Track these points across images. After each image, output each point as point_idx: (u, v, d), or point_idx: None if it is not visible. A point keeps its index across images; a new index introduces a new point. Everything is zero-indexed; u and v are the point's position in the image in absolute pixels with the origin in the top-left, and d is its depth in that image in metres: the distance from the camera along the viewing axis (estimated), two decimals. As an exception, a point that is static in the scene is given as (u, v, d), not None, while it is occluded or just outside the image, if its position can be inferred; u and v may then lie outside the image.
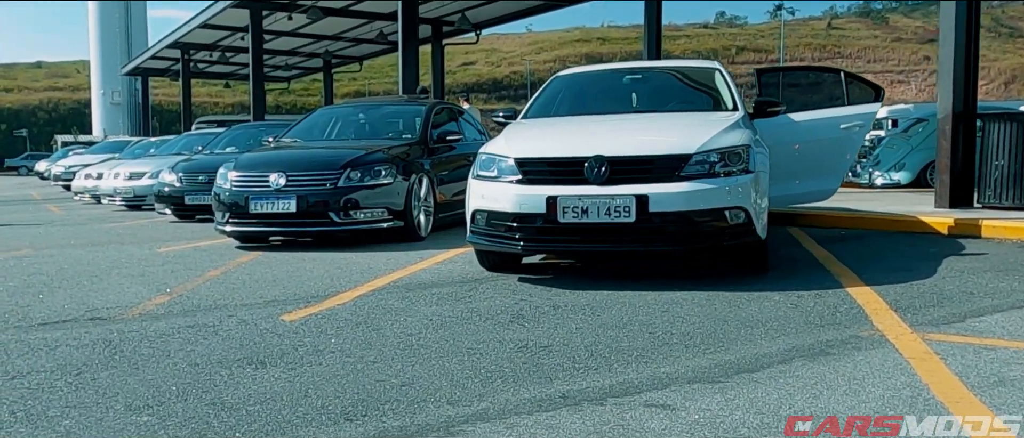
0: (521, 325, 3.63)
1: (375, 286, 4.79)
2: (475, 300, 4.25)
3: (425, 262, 5.76)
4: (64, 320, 3.97)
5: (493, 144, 4.99)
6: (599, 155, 4.42)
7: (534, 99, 5.97)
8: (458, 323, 3.70)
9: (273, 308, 4.16)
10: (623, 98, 6.03)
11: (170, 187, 10.08)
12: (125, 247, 7.28)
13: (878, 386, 2.68)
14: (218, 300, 4.42)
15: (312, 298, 4.44)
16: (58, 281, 5.23)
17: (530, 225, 4.52)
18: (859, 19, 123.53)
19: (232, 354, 3.20)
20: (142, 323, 3.86)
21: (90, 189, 14.81)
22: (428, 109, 8.14)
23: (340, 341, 3.39)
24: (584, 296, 4.25)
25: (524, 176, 4.59)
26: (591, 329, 3.53)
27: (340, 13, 23.49)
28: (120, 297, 4.58)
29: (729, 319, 3.68)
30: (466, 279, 4.96)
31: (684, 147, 4.47)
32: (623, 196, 4.32)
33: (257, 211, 6.62)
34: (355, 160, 6.78)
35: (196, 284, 5.00)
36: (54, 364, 3.10)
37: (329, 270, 5.47)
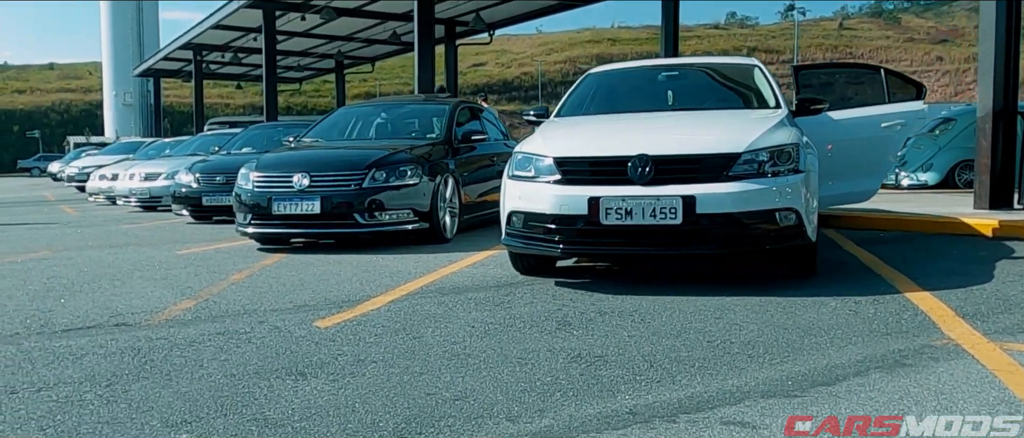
0: (569, 333, 3.44)
1: (408, 290, 4.61)
2: (515, 305, 4.06)
3: (455, 265, 5.58)
4: (88, 326, 3.80)
5: (529, 143, 4.80)
6: (643, 154, 4.23)
7: (567, 97, 5.78)
8: (502, 330, 3.51)
9: (305, 314, 3.99)
10: (659, 96, 5.83)
11: (187, 188, 9.94)
12: (144, 249, 7.13)
13: (970, 401, 2.48)
14: (246, 305, 4.25)
15: (344, 303, 4.26)
16: (79, 284, 5.08)
17: (571, 227, 4.33)
18: (871, 19, 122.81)
19: (269, 364, 3.03)
20: (169, 329, 3.69)
21: (104, 190, 14.72)
22: (451, 108, 7.96)
23: (381, 350, 3.21)
24: (629, 301, 4.06)
25: (564, 176, 4.40)
26: (645, 337, 3.33)
27: (353, 13, 23.37)
28: (144, 302, 4.41)
29: (788, 326, 3.48)
30: (501, 283, 4.77)
31: (732, 146, 4.27)
32: (669, 197, 4.12)
33: (280, 212, 6.46)
34: (380, 160, 6.60)
35: (221, 288, 4.83)
36: (82, 374, 2.93)
37: (357, 273, 5.29)
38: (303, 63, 34.62)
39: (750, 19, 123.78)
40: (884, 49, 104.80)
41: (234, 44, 29.30)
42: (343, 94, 36.69)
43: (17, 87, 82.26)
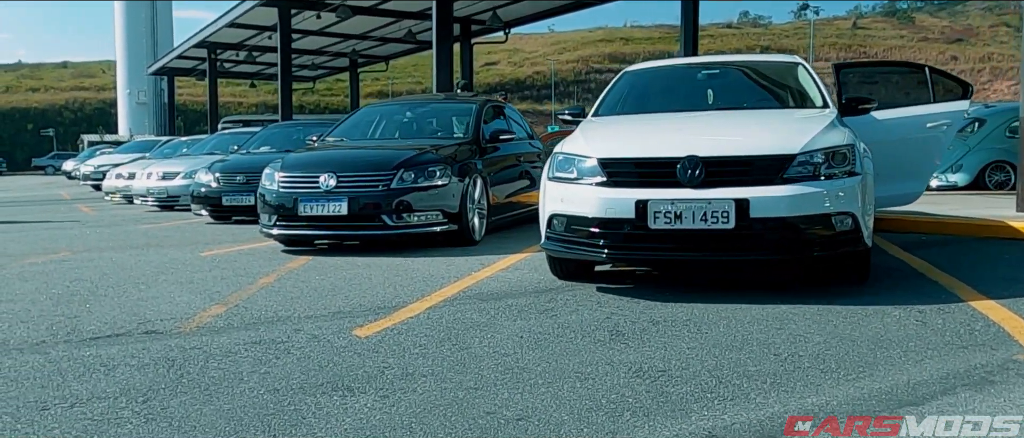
0: (624, 344, 3.26)
1: (444, 296, 4.44)
2: (561, 313, 3.88)
3: (488, 269, 5.41)
4: (117, 333, 3.65)
5: (570, 143, 4.62)
6: (693, 155, 4.04)
7: (604, 96, 5.59)
8: (553, 341, 3.33)
9: (342, 321, 3.82)
10: (698, 95, 5.64)
11: (207, 188, 9.81)
12: (165, 250, 6.99)
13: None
14: (279, 311, 4.09)
15: (380, 310, 4.09)
16: (103, 288, 4.93)
17: (617, 231, 4.15)
18: (885, 19, 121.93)
19: (313, 377, 2.86)
20: (202, 338, 3.53)
21: (121, 189, 14.64)
22: (478, 106, 7.79)
23: (429, 362, 3.04)
24: (680, 310, 3.87)
25: (608, 178, 4.21)
26: (705, 349, 3.15)
27: (369, 12, 23.25)
28: (172, 307, 4.26)
29: (856, 338, 3.29)
30: (540, 289, 4.59)
31: (786, 147, 4.08)
32: (721, 200, 3.93)
33: (306, 214, 6.30)
34: (409, 160, 6.44)
35: (250, 292, 4.68)
36: (117, 388, 2.77)
37: (388, 277, 5.13)
38: (317, 62, 34.56)
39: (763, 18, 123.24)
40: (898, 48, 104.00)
41: (248, 42, 29.24)
42: (357, 93, 36.61)
43: (31, 85, 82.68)
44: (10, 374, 2.97)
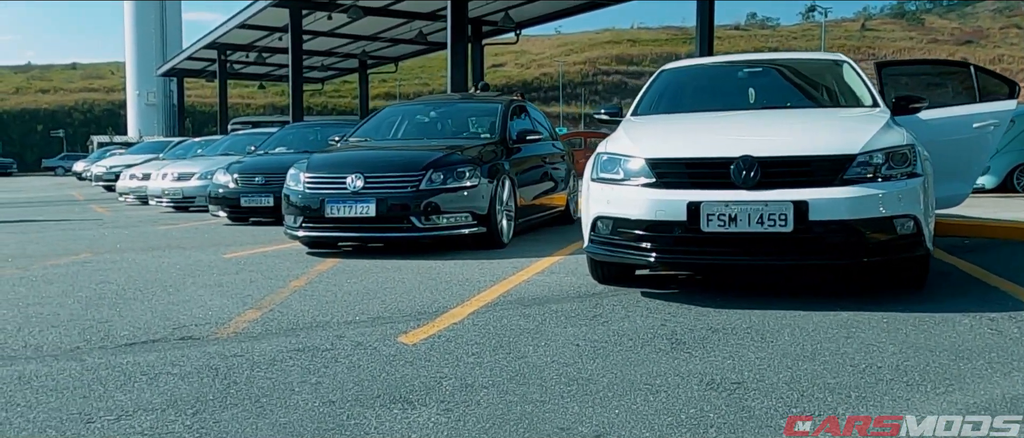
0: (687, 353, 3.10)
1: (484, 301, 4.28)
2: (612, 320, 3.72)
3: (523, 273, 5.25)
4: (152, 340, 3.50)
5: (614, 143, 4.46)
6: (748, 156, 3.87)
7: (642, 94, 5.43)
8: (612, 349, 3.17)
9: (384, 327, 3.67)
10: (740, 94, 5.47)
11: (225, 188, 9.67)
12: (188, 252, 6.86)
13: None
14: (317, 317, 3.94)
15: (421, 315, 3.94)
16: (131, 291, 4.79)
17: (667, 235, 3.99)
18: (893, 20, 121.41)
19: (367, 388, 2.71)
20: (241, 344, 3.38)
21: (135, 190, 14.54)
22: (504, 106, 7.64)
23: (487, 372, 2.88)
24: (736, 316, 3.71)
25: (658, 179, 4.05)
26: (776, 359, 2.99)
27: (380, 13, 23.16)
28: (206, 311, 4.11)
29: (931, 348, 3.12)
30: (583, 293, 4.44)
31: (846, 147, 3.91)
32: (778, 202, 3.77)
33: (333, 215, 6.15)
34: (437, 160, 6.28)
35: (283, 296, 4.53)
36: (162, 399, 2.62)
37: (422, 281, 4.97)
38: (326, 63, 34.50)
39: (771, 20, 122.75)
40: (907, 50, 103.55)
41: (258, 44, 29.19)
42: (366, 94, 36.55)
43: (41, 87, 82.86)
44: (48, 383, 2.83)
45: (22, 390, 2.74)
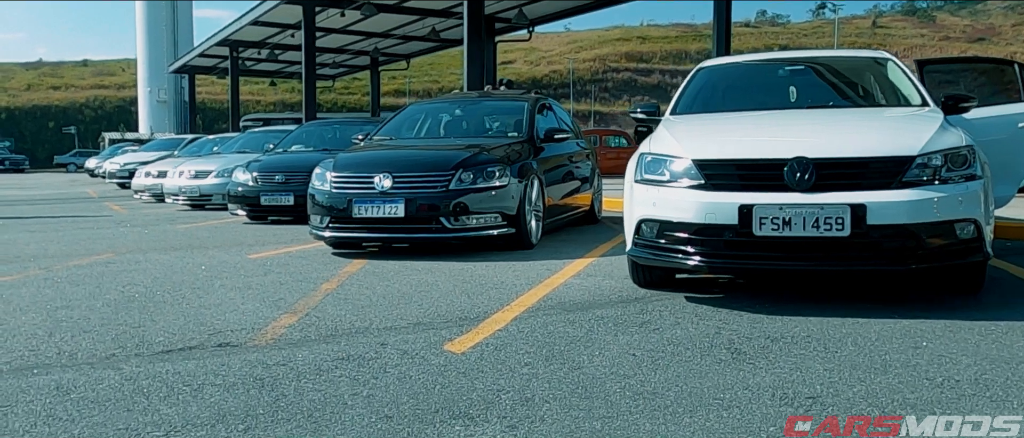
0: (751, 364, 2.96)
1: (525, 306, 4.15)
2: (662, 327, 3.59)
3: (558, 276, 5.12)
4: (189, 346, 3.39)
5: (658, 143, 4.32)
6: (802, 157, 3.73)
7: (680, 93, 5.29)
8: (671, 360, 3.04)
9: (427, 334, 3.54)
10: (780, 92, 5.32)
11: (244, 186, 9.58)
12: (211, 252, 6.75)
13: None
14: (355, 322, 3.82)
15: (463, 321, 3.82)
16: (159, 294, 4.68)
17: (717, 238, 3.85)
18: (905, 17, 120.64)
19: (423, 402, 2.58)
20: (282, 352, 3.26)
21: (150, 187, 14.48)
22: (531, 104, 7.51)
23: (544, 385, 2.75)
24: (792, 324, 3.57)
25: (706, 181, 3.92)
26: (845, 371, 2.85)
27: (393, 9, 23.05)
28: (240, 316, 4.00)
29: (1008, 359, 2.98)
30: (625, 298, 4.30)
31: (905, 148, 3.76)
32: (835, 205, 3.63)
33: (361, 215, 6.03)
34: (467, 160, 6.16)
35: (316, 300, 4.41)
36: (209, 413, 2.50)
37: (457, 284, 4.85)
38: (338, 60, 34.45)
39: (781, 17, 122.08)
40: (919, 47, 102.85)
41: (271, 41, 29.15)
42: (378, 92, 36.48)
43: (52, 83, 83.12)
44: (88, 394, 2.71)
45: (62, 402, 2.63)
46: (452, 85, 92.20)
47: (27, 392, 2.75)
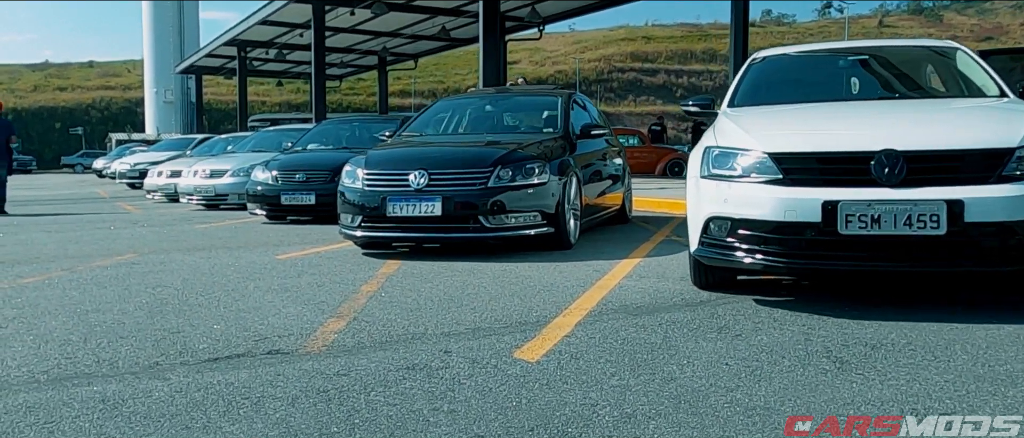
0: (860, 375, 2.70)
1: (585, 310, 3.89)
2: (744, 333, 3.32)
3: (609, 277, 4.86)
4: (237, 354, 3.14)
5: (725, 136, 4.06)
6: (891, 150, 3.47)
7: (737, 84, 5.03)
8: (770, 370, 2.77)
9: (491, 340, 3.29)
10: (841, 84, 5.06)
11: (264, 186, 9.34)
12: (235, 252, 6.50)
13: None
14: (408, 327, 3.56)
15: (523, 325, 3.56)
16: (193, 296, 4.43)
17: (797, 237, 3.59)
18: (911, 16, 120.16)
19: (512, 417, 2.32)
20: (338, 360, 3.01)
21: (163, 187, 14.27)
22: (565, 99, 7.24)
23: (641, 398, 2.49)
24: (887, 329, 3.30)
25: (785, 175, 3.65)
26: (969, 383, 2.58)
27: (403, 8, 22.83)
28: (284, 320, 3.74)
29: None
30: (689, 301, 4.04)
31: (1003, 139, 3.49)
32: (929, 202, 3.36)
33: (395, 214, 5.77)
34: (506, 157, 5.90)
35: (360, 303, 4.16)
36: (279, 431, 2.24)
37: (503, 286, 4.59)
38: (346, 60, 34.25)
39: (787, 17, 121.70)
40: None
41: (279, 40, 28.96)
42: (386, 91, 36.27)
43: (58, 84, 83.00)
44: (139, 408, 2.46)
45: (112, 418, 2.37)
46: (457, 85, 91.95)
47: (71, 406, 2.50)
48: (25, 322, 3.79)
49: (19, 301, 4.36)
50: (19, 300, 4.39)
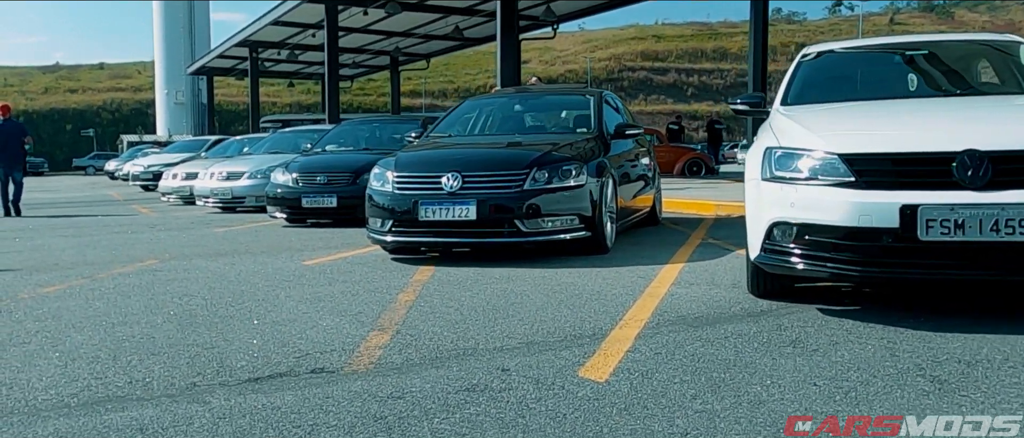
0: (966, 396, 2.46)
1: (640, 320, 3.66)
2: (821, 348, 3.09)
3: (656, 285, 4.63)
4: (279, 373, 2.92)
5: (787, 135, 3.82)
6: (974, 150, 3.23)
7: (789, 81, 4.78)
8: (867, 393, 2.53)
9: (547, 355, 3.06)
10: (900, 80, 4.81)
11: (284, 188, 9.15)
12: (259, 258, 6.30)
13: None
14: (456, 341, 3.35)
15: (578, 339, 3.34)
16: (223, 307, 4.22)
17: (871, 244, 3.35)
18: (922, 14, 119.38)
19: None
20: (389, 380, 2.79)
21: (178, 189, 14.11)
22: (597, 98, 7.02)
23: (734, 428, 2.26)
24: (975, 343, 3.06)
25: (858, 178, 3.41)
26: (1091, 408, 2.35)
27: (416, 7, 22.65)
28: (323, 334, 3.53)
29: None
30: (749, 311, 3.81)
31: (1097, 138, 3.25)
32: (1019, 205, 3.12)
33: (428, 218, 5.54)
34: (542, 158, 5.67)
35: (400, 314, 3.94)
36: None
37: (548, 295, 4.36)
38: (358, 60, 34.11)
39: (797, 15, 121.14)
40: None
41: (290, 41, 28.83)
42: (398, 92, 36.15)
43: (69, 86, 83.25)
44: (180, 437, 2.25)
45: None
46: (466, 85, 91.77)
47: (106, 436, 2.28)
48: (49, 336, 3.59)
49: (41, 312, 4.17)
50: (41, 311, 4.20)
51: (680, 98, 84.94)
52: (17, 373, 2.98)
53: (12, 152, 11.97)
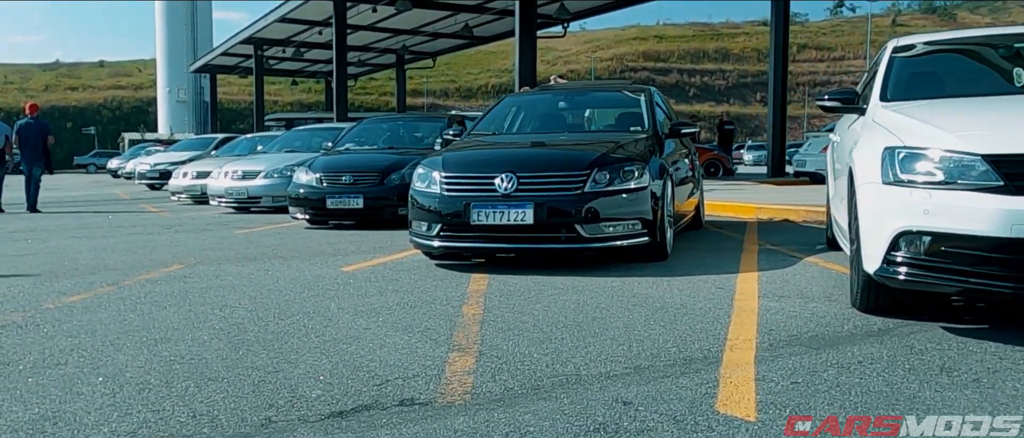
0: None
1: (749, 341, 3.27)
2: (980, 377, 2.69)
3: (743, 298, 4.23)
4: (363, 406, 2.52)
5: (910, 134, 3.42)
6: None
7: (885, 76, 4.37)
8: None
9: (665, 383, 2.66)
10: (1004, 75, 4.41)
11: (307, 188, 8.73)
12: (292, 263, 5.90)
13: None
14: (551, 365, 2.94)
15: (688, 362, 2.94)
16: (271, 320, 3.82)
17: (1023, 257, 2.95)
18: (924, 16, 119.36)
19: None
20: (495, 415, 2.39)
21: (188, 188, 13.72)
22: (647, 95, 6.61)
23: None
24: None
25: (1007, 181, 3.02)
26: None
27: (425, 4, 22.25)
28: (397, 355, 3.12)
29: None
30: (867, 329, 3.41)
31: None
32: None
33: (480, 222, 5.13)
34: (602, 158, 5.26)
35: (474, 331, 3.54)
36: None
37: (628, 309, 3.96)
38: (364, 58, 33.72)
39: (799, 16, 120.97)
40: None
41: (296, 39, 28.42)
42: (404, 90, 35.75)
43: (70, 84, 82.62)
44: (279, 499, 1.84)
45: (249, 515, 1.76)
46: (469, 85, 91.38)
47: (184, 492, 1.88)
48: (87, 356, 3.18)
49: (71, 327, 3.76)
50: (71, 325, 3.79)
51: (682, 98, 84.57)
52: (60, 404, 2.57)
53: (33, 148, 12.20)
